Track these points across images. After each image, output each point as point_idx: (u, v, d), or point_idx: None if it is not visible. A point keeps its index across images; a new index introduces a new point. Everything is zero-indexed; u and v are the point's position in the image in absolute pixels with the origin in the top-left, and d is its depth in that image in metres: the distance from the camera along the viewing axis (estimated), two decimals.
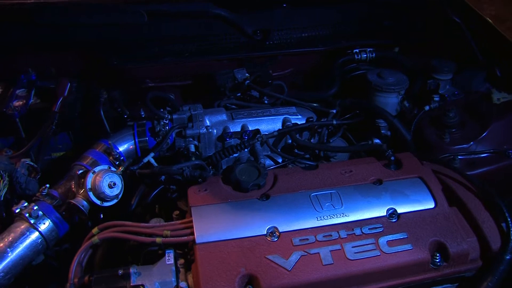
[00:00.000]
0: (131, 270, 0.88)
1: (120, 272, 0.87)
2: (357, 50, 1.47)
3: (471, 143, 1.26)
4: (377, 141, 1.38)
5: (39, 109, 1.25)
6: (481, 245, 0.96)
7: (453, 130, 1.29)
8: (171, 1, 1.36)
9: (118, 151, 1.22)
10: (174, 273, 0.90)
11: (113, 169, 1.09)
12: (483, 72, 1.47)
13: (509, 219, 0.96)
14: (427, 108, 1.39)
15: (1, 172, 1.07)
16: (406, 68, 1.48)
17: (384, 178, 1.05)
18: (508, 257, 0.93)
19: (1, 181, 1.06)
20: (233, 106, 1.39)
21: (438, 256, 0.93)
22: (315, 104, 1.43)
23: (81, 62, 1.35)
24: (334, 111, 1.35)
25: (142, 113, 1.31)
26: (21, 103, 1.26)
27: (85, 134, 1.32)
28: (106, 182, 1.04)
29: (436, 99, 1.37)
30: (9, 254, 0.99)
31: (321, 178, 1.05)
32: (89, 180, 1.03)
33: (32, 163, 1.19)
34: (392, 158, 1.10)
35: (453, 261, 0.93)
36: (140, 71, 1.36)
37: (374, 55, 1.47)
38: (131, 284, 0.86)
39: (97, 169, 1.05)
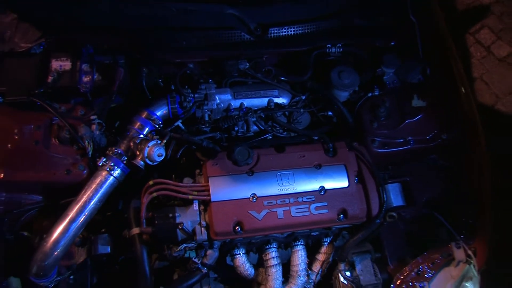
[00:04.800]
0: (176, 214, 1.63)
1: (170, 215, 1.62)
2: (329, 45, 1.96)
3: (390, 131, 1.91)
4: (330, 113, 2.00)
5: (102, 86, 1.79)
6: (367, 210, 1.72)
7: (381, 119, 1.91)
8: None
9: (156, 116, 1.83)
10: (198, 215, 1.65)
11: (158, 140, 1.72)
12: (419, 68, 2.02)
13: (384, 199, 1.71)
14: (370, 94, 1.98)
15: (88, 140, 1.70)
16: (363, 59, 2.01)
17: (323, 163, 1.74)
18: (378, 221, 1.71)
19: (89, 145, 1.71)
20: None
21: (341, 216, 1.69)
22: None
23: (126, 43, 1.84)
24: (304, 97, 1.94)
25: (172, 86, 1.87)
26: (88, 78, 1.79)
27: (132, 97, 1.90)
28: (156, 153, 1.67)
29: (376, 93, 1.95)
30: (100, 190, 1.69)
31: (285, 160, 1.73)
32: (146, 151, 1.67)
33: (99, 120, 1.80)
34: (331, 148, 1.77)
35: (350, 219, 1.70)
36: (170, 56, 1.87)
37: (341, 49, 1.97)
38: (176, 222, 1.62)
39: (151, 143, 1.67)
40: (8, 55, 1.77)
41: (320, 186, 1.70)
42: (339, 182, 1.72)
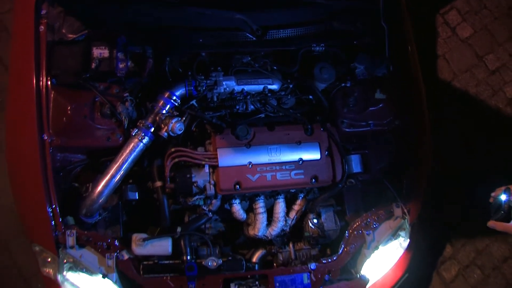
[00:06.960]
0: (192, 174, 2.19)
1: (188, 175, 2.18)
2: (314, 45, 2.44)
3: (356, 115, 2.45)
4: (310, 97, 2.52)
5: (133, 71, 2.26)
6: (333, 177, 2.31)
7: (350, 105, 2.45)
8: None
9: (176, 96, 2.31)
10: (208, 176, 2.21)
11: (178, 118, 2.22)
12: (384, 64, 2.53)
13: (346, 169, 2.30)
14: (343, 84, 2.50)
15: (125, 115, 2.20)
16: (340, 56, 2.51)
17: (302, 141, 2.29)
18: (340, 185, 2.31)
19: (125, 119, 2.21)
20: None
21: (313, 180, 2.27)
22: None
23: (154, 38, 2.28)
24: (291, 85, 2.44)
25: (189, 72, 2.34)
26: (123, 65, 2.24)
27: (157, 80, 2.37)
28: (178, 128, 2.17)
29: (348, 84, 2.47)
30: (133, 154, 2.20)
31: (274, 136, 2.28)
32: (170, 126, 2.17)
33: (131, 97, 2.28)
34: (309, 129, 2.32)
35: (320, 183, 2.28)
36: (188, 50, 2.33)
37: (323, 48, 2.46)
38: (192, 180, 2.19)
39: (174, 120, 2.17)
40: (58, 43, 2.20)
41: (299, 158, 2.27)
42: (313, 155, 2.29)
